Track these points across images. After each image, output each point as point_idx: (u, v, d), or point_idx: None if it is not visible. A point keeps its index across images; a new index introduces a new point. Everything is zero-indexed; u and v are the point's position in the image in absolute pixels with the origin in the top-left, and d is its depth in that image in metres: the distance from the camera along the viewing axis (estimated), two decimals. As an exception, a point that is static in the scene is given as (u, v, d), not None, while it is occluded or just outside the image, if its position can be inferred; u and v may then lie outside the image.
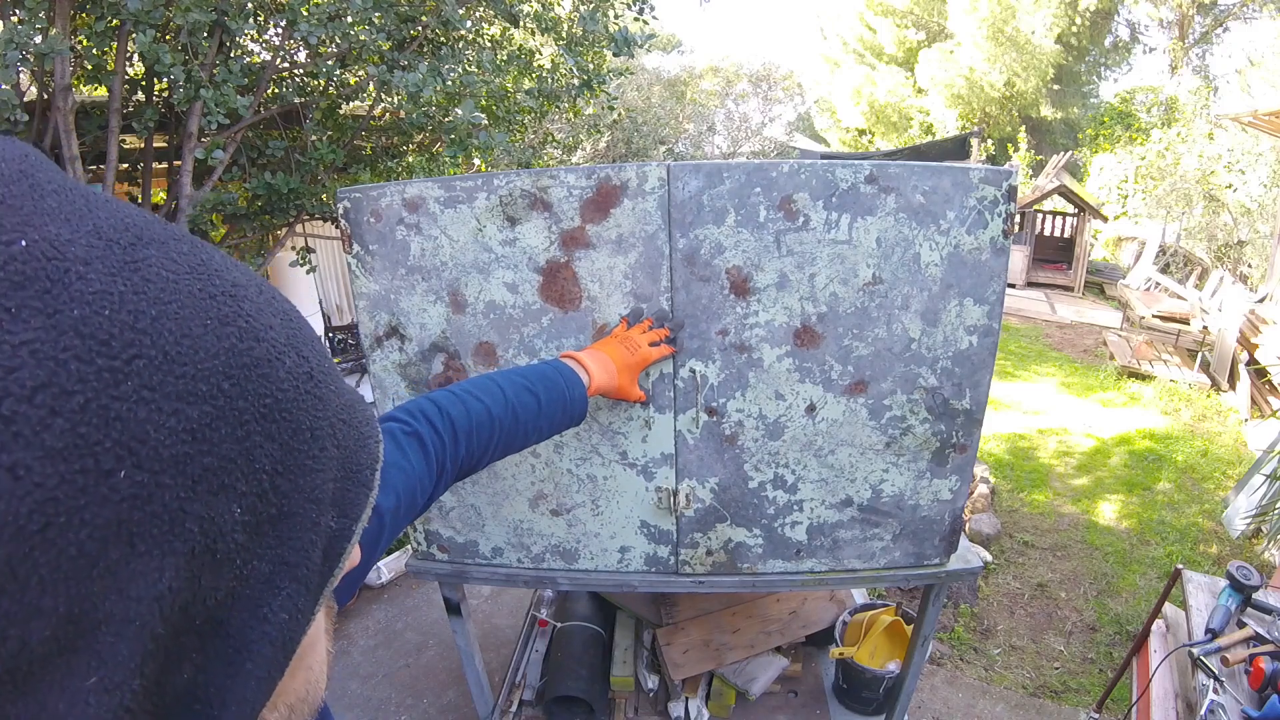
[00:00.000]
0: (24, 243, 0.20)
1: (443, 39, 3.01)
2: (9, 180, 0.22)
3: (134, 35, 2.03)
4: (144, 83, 2.64)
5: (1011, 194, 1.17)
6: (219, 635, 0.25)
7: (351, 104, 3.26)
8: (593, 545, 1.47)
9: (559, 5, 3.41)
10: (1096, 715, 2.51)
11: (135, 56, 2.32)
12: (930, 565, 1.46)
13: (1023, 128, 14.06)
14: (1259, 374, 5.52)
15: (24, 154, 0.24)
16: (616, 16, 3.25)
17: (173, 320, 0.23)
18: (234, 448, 0.24)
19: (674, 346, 1.26)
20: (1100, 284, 10.15)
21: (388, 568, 3.22)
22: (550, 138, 5.51)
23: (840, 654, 1.97)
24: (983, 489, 4.10)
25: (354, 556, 0.36)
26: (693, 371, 1.29)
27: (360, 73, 2.87)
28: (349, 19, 2.45)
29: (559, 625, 2.20)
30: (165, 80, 2.43)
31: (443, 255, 1.26)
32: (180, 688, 0.24)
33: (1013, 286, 9.57)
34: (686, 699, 2.00)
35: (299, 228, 3.24)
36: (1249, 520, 3.68)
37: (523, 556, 1.51)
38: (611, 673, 2.07)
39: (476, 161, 4.17)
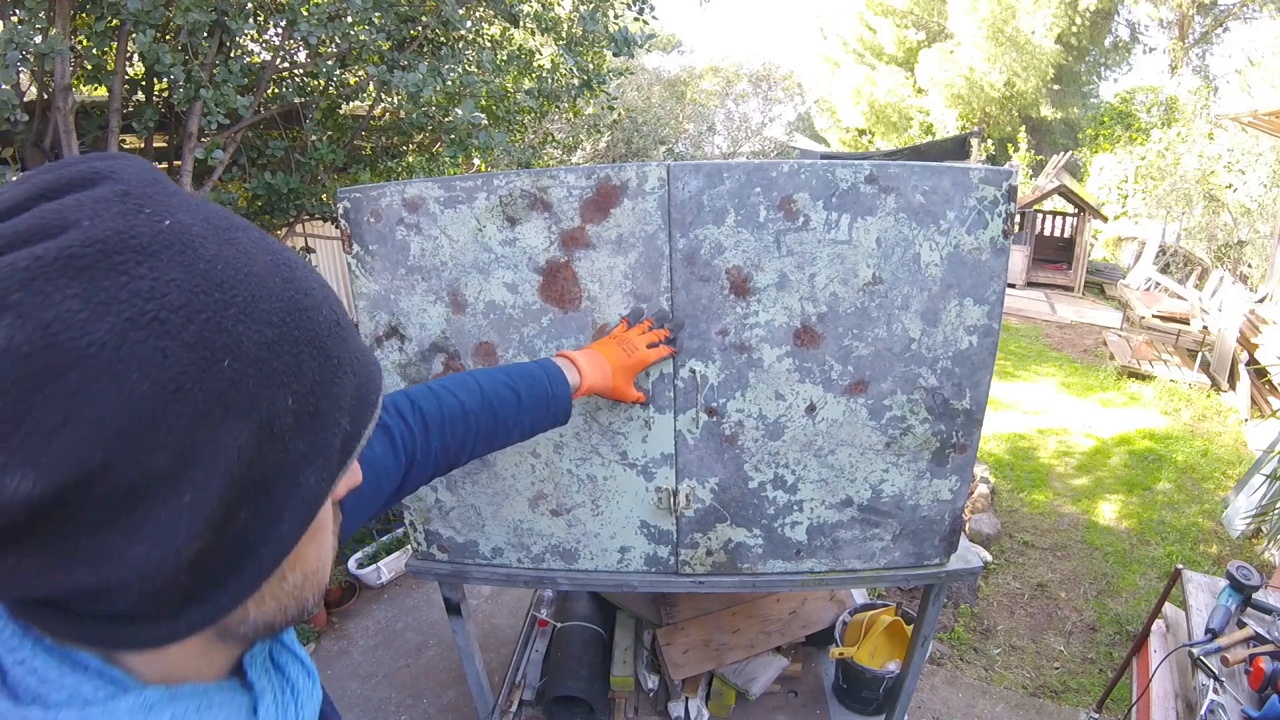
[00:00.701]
0: (168, 222, 0.32)
1: (443, 39, 3.01)
2: (151, 182, 0.34)
3: (134, 35, 2.03)
4: (144, 83, 2.64)
5: (1011, 194, 1.17)
6: (268, 490, 0.36)
7: (351, 104, 3.26)
8: (593, 545, 1.47)
9: (559, 5, 3.40)
10: (1096, 715, 2.51)
11: (135, 56, 2.32)
12: (930, 565, 1.46)
13: (1023, 128, 14.05)
14: (1259, 374, 5.52)
15: (149, 165, 0.36)
16: (616, 16, 3.25)
17: (256, 277, 0.35)
18: (290, 360, 0.35)
19: (674, 347, 1.26)
20: (1100, 284, 10.15)
21: (388, 568, 3.22)
22: (550, 138, 5.51)
23: (840, 654, 1.97)
24: (983, 489, 4.10)
25: (356, 474, 0.47)
26: (693, 371, 1.29)
27: (360, 73, 2.87)
28: (349, 19, 2.45)
29: (559, 625, 2.21)
30: (165, 80, 2.43)
31: (442, 255, 1.26)
32: (239, 522, 0.35)
33: (1013, 286, 9.57)
34: (686, 699, 2.00)
35: (299, 228, 3.25)
36: (1249, 520, 3.68)
37: (523, 556, 1.51)
38: (611, 673, 2.07)
39: (476, 161, 4.17)
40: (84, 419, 0.28)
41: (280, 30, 2.68)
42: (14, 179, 0.35)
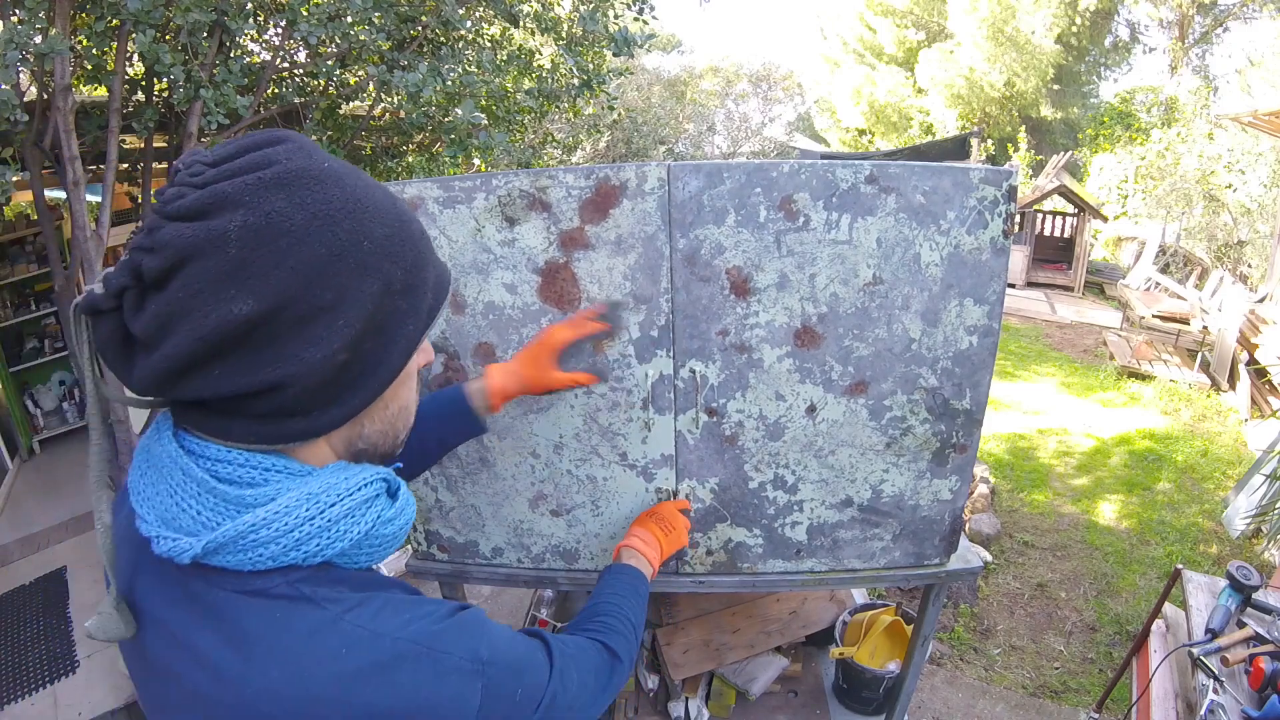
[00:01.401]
0: (326, 164, 0.52)
1: (443, 39, 3.01)
2: (312, 144, 0.53)
3: (134, 35, 2.03)
4: (144, 83, 2.64)
5: (1011, 194, 1.17)
6: (385, 329, 0.54)
7: (351, 104, 3.26)
8: (593, 545, 1.47)
9: (559, 5, 3.40)
10: (1096, 715, 2.52)
11: (135, 56, 2.32)
12: (930, 565, 1.46)
13: (1023, 128, 14.04)
14: (1259, 374, 5.53)
15: (306, 137, 0.54)
16: (616, 16, 3.24)
17: (377, 199, 0.54)
18: (400, 248, 0.55)
19: (610, 324, 1.24)
20: (1100, 284, 10.14)
21: (388, 567, 3.22)
22: (550, 138, 5.51)
23: (840, 654, 1.97)
24: (983, 489, 4.10)
25: (429, 352, 0.65)
26: (693, 372, 1.29)
27: (360, 73, 2.87)
28: (349, 19, 2.45)
29: (559, 625, 2.20)
30: (165, 80, 2.43)
31: (441, 255, 1.26)
32: (367, 347, 0.53)
33: (1013, 286, 9.57)
34: (686, 699, 2.00)
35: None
36: (1249, 520, 3.68)
37: (523, 557, 1.51)
38: (611, 673, 2.06)
39: (476, 161, 4.17)
40: (286, 267, 0.47)
41: (280, 30, 2.68)
42: (227, 140, 0.54)
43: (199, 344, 0.46)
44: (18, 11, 1.94)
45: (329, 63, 2.52)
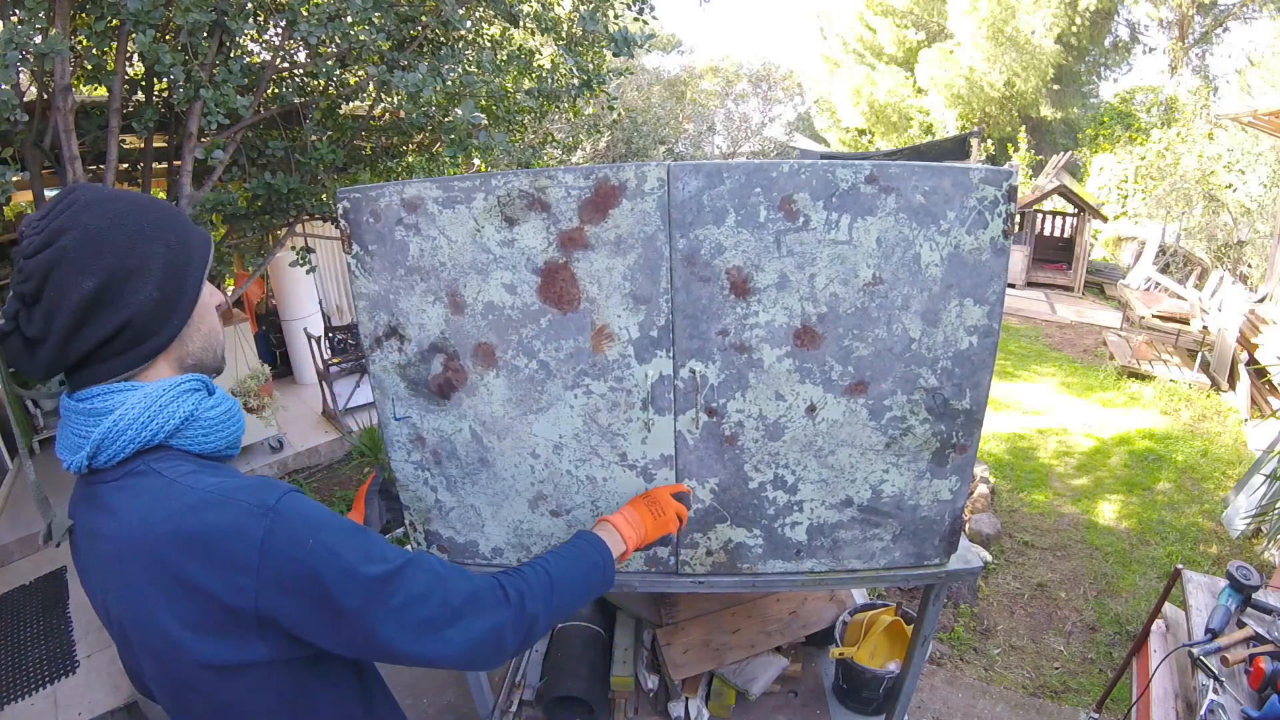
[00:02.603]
0: (109, 190, 0.81)
1: (443, 39, 3.01)
2: (95, 185, 0.86)
3: (134, 35, 2.03)
4: (144, 83, 2.63)
5: (1011, 194, 1.17)
6: (176, 276, 0.81)
7: (351, 104, 3.26)
8: (592, 545, 1.47)
9: (559, 5, 3.40)
10: (1096, 715, 2.51)
11: (135, 56, 2.32)
12: (930, 565, 1.46)
13: (1023, 128, 14.03)
14: (1259, 374, 5.52)
15: (98, 186, 0.85)
16: (616, 16, 3.24)
17: (144, 200, 0.82)
18: (168, 223, 0.82)
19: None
20: (1100, 284, 10.14)
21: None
22: (550, 138, 5.50)
23: (840, 654, 1.97)
24: (983, 489, 4.10)
25: (218, 294, 1.00)
26: (693, 372, 1.29)
27: (360, 73, 2.87)
28: (349, 19, 2.44)
29: (559, 625, 2.20)
30: (165, 80, 2.43)
31: (441, 256, 1.26)
32: (169, 289, 0.80)
33: (1013, 286, 9.56)
34: (686, 699, 2.00)
35: (299, 228, 3.24)
36: (1249, 520, 3.68)
37: (522, 557, 1.51)
38: (611, 673, 2.07)
39: (476, 161, 4.17)
40: (105, 253, 0.75)
41: (280, 30, 2.68)
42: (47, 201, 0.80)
43: (72, 315, 0.73)
44: (18, 11, 1.94)
45: (329, 63, 2.51)
